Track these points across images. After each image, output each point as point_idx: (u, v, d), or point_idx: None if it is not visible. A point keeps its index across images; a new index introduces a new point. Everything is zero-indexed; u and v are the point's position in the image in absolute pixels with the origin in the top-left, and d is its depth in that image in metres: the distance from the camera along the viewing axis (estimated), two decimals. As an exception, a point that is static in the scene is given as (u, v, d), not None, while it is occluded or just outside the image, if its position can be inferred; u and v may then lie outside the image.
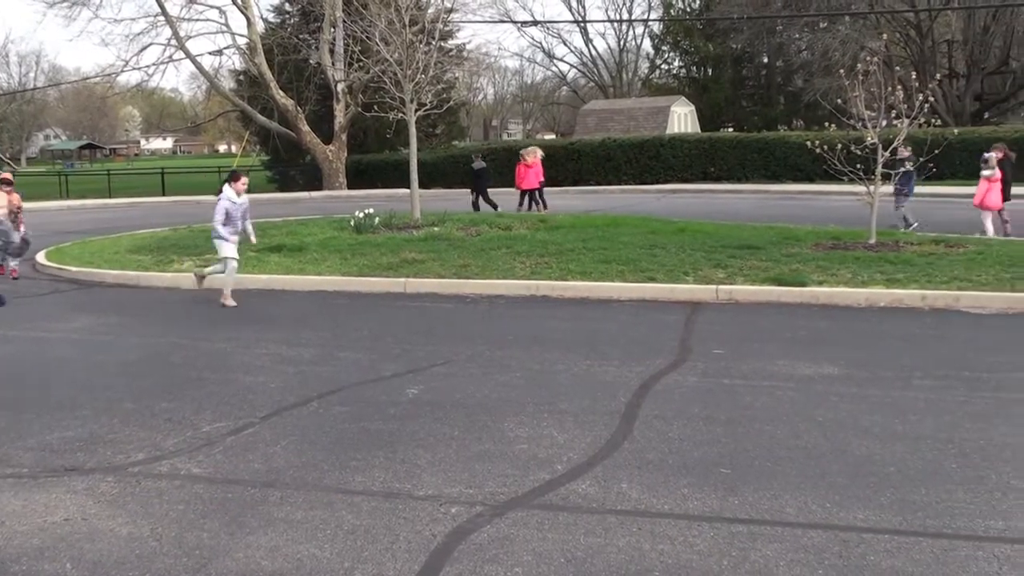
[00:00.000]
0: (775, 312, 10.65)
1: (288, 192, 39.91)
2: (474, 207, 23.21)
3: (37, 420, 6.98)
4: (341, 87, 37.33)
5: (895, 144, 14.57)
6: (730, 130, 55.50)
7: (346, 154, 39.30)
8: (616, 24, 73.56)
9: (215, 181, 43.80)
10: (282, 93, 38.01)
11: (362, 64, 28.05)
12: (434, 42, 19.04)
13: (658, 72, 70.18)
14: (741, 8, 47.45)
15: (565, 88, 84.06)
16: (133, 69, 39.12)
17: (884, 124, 14.64)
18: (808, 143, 17.52)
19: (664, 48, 68.20)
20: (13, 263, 14.50)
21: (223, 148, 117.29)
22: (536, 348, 9.00)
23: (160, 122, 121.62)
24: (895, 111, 14.27)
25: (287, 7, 46.49)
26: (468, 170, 24.60)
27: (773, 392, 7.28)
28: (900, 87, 14.37)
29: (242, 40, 39.37)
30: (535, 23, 67.64)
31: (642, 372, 7.96)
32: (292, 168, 45.08)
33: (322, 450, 6.15)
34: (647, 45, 73.32)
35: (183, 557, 4.65)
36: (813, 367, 8.00)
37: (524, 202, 23.17)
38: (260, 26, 40.47)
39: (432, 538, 4.79)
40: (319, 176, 39.00)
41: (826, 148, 14.70)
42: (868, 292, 11.04)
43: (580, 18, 75.13)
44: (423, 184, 20.64)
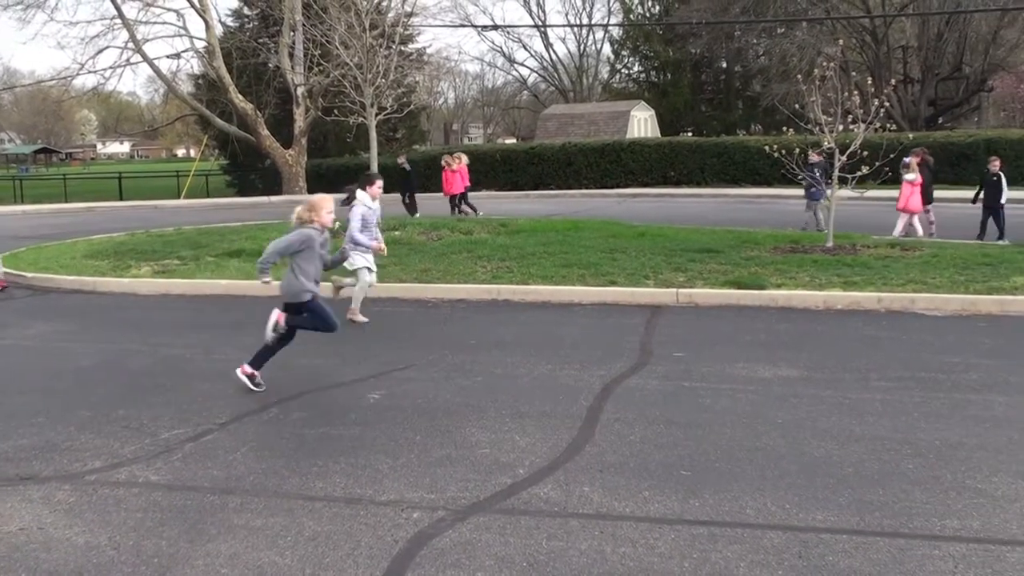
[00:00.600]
0: (735, 315, 10.73)
1: (247, 196, 39.66)
2: (411, 209, 23.47)
3: (-9, 428, 6.88)
4: (301, 91, 37.14)
5: (853, 147, 14.72)
6: (689, 134, 55.90)
7: (306, 158, 39.09)
8: (576, 29, 73.96)
9: (173, 185, 43.60)
10: (241, 97, 37.76)
11: (322, 68, 27.97)
12: (394, 46, 19.06)
13: (618, 77, 70.52)
14: (700, 13, 47.82)
15: (526, 92, 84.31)
16: (89, 72, 38.67)
17: (841, 129, 14.82)
18: (766, 147, 17.70)
19: (624, 53, 68.58)
20: None
21: (181, 152, 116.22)
22: (498, 352, 9.00)
23: (117, 126, 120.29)
24: (852, 116, 14.45)
25: (246, 11, 46.23)
26: (401, 173, 24.71)
27: (733, 394, 7.34)
28: (856, 92, 14.57)
29: (200, 43, 39.10)
30: (495, 27, 67.79)
31: (603, 375, 7.99)
32: (251, 172, 44.82)
33: (282, 456, 6.11)
34: (607, 50, 73.81)
35: (141, 566, 4.60)
36: (772, 369, 8.07)
37: (457, 207, 23.37)
38: (218, 29, 40.24)
39: (394, 544, 4.77)
40: (279, 180, 38.75)
41: (784, 152, 14.87)
42: (826, 295, 11.16)
43: (540, 22, 75.43)
44: (384, 188, 20.51)
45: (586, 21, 73.85)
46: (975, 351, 8.69)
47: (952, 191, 25.54)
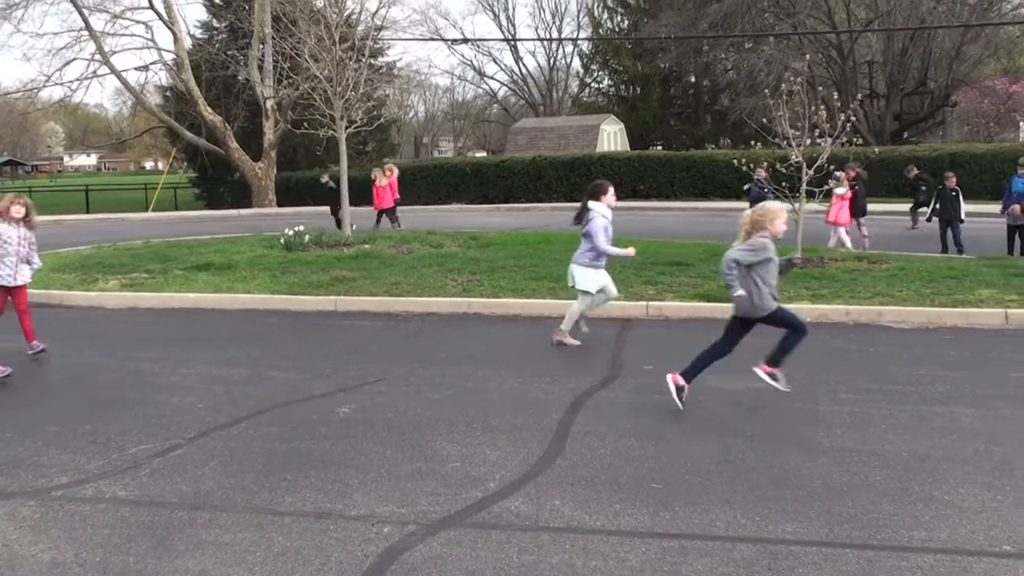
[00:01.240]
0: (704, 328, 10.74)
1: (216, 209, 39.41)
2: (338, 223, 23.53)
3: (-45, 444, 6.78)
4: (270, 104, 37.02)
5: (820, 161, 14.84)
6: (659, 148, 56.15)
7: (275, 171, 38.95)
8: (546, 43, 74.14)
9: (141, 198, 43.26)
10: (210, 110, 37.58)
11: (291, 81, 27.92)
12: (364, 59, 19.00)
13: (588, 91, 70.79)
14: (668, 28, 48.10)
15: (496, 106, 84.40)
16: (56, 84, 38.36)
17: (808, 143, 14.94)
18: (735, 161, 17.81)
19: (593, 67, 68.90)
20: None
21: (149, 165, 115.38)
22: (468, 366, 8.99)
23: (84, 138, 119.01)
24: (819, 130, 14.57)
25: (215, 23, 46.07)
26: (326, 189, 24.88)
27: (703, 407, 7.37)
28: (823, 107, 14.70)
29: (169, 56, 38.87)
30: (465, 41, 67.65)
31: (574, 388, 8.00)
32: (221, 185, 44.57)
33: (251, 471, 6.07)
34: (577, 64, 73.95)
35: (108, 583, 4.55)
36: (742, 382, 8.11)
37: (380, 220, 23.16)
38: (187, 42, 40.05)
39: (364, 558, 4.75)
40: (248, 193, 38.56)
41: (752, 166, 14.97)
42: (794, 308, 11.19)
43: (510, 36, 75.56)
44: (354, 202, 20.50)
45: (556, 35, 74.20)
46: (941, 363, 8.78)
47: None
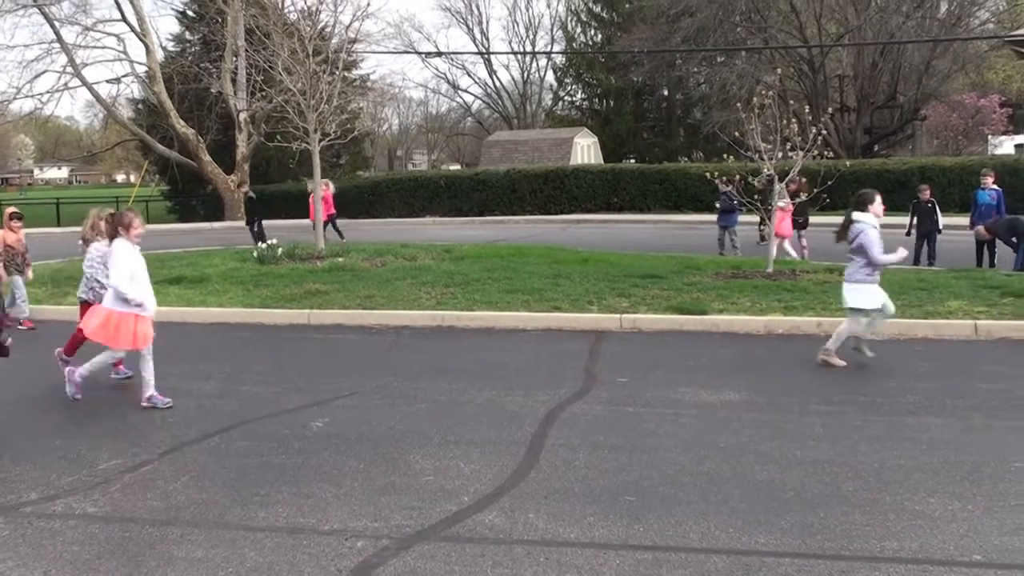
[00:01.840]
0: (678, 340, 10.81)
1: (189, 222, 39.19)
2: (260, 238, 23.62)
3: (-79, 461, 6.70)
4: (243, 116, 36.89)
5: (792, 174, 14.96)
6: (632, 161, 56.42)
7: (248, 184, 38.78)
8: (519, 56, 74.38)
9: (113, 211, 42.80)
10: (182, 122, 37.41)
11: (265, 94, 27.85)
12: (338, 72, 18.99)
13: (561, 104, 71.03)
14: (641, 42, 48.34)
15: (470, 119, 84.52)
16: (26, 96, 38.06)
17: (780, 156, 15.06)
18: (707, 174, 17.93)
19: (567, 80, 69.14)
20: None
21: (121, 178, 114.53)
22: (442, 379, 8.97)
23: (55, 151, 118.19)
24: (790, 143, 14.68)
25: (188, 36, 45.90)
26: (247, 202, 25.17)
27: (676, 419, 7.39)
28: (795, 120, 14.81)
29: (141, 68, 38.65)
30: (439, 54, 67.67)
31: (548, 401, 8.00)
32: (193, 198, 44.34)
33: (224, 486, 6.02)
34: (550, 77, 74.20)
35: (78, 600, 4.50)
36: (715, 394, 8.15)
37: (336, 229, 23.65)
38: (160, 54, 39.86)
39: (337, 573, 4.73)
40: (221, 206, 38.38)
41: (724, 179, 15.06)
42: (767, 320, 11.30)
43: (484, 50, 75.71)
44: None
45: (529, 49, 74.42)
46: (912, 375, 8.85)
47: (887, 217, 26.02)
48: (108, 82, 49.86)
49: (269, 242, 17.63)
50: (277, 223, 34.13)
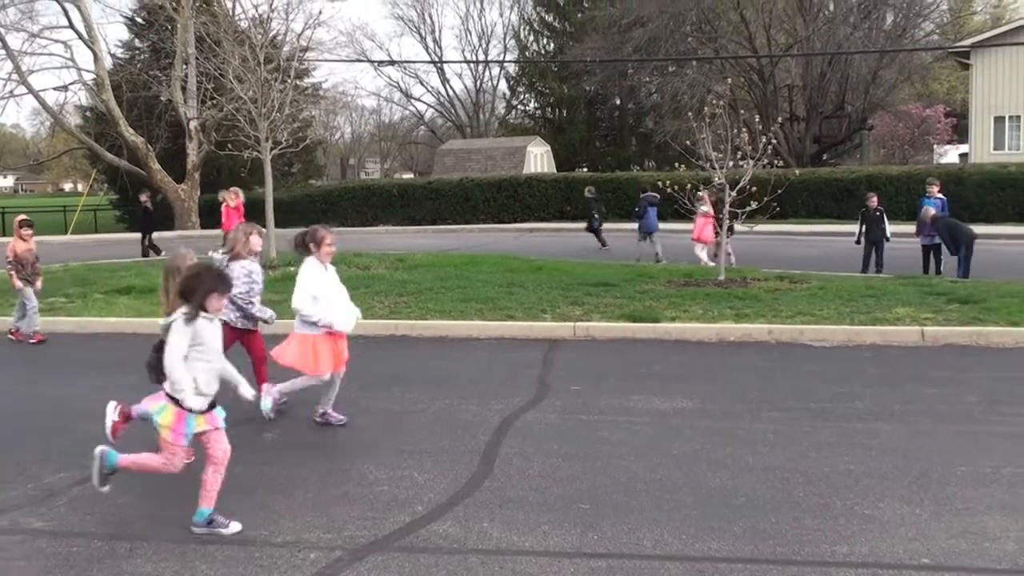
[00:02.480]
0: (630, 348, 10.87)
1: (138, 232, 38.64)
2: (153, 250, 23.60)
3: None
4: (194, 125, 36.53)
5: (742, 183, 15.11)
6: (585, 170, 56.56)
7: (199, 193, 38.41)
8: (472, 65, 74.48)
9: (60, 221, 42.29)
10: (131, 130, 36.95)
11: (215, 102, 27.53)
12: (289, 80, 18.88)
13: (514, 113, 71.05)
14: (593, 51, 48.61)
15: (423, 127, 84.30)
16: (-31, 104, 37.37)
17: (731, 165, 15.21)
18: (659, 183, 18.04)
19: (520, 89, 69.18)
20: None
21: (69, 187, 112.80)
22: (396, 388, 8.94)
23: (0, 160, 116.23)
24: (741, 152, 14.84)
25: (137, 43, 45.30)
26: (143, 212, 25.42)
27: (629, 427, 7.42)
28: (745, 129, 14.98)
29: (89, 76, 38.13)
30: (392, 63, 67.78)
31: (502, 410, 8.00)
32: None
33: (174, 498, 5.94)
34: (503, 86, 74.31)
35: (23, 617, 4.42)
36: (668, 402, 8.20)
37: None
38: (108, 62, 39.34)
39: (290, 586, 4.68)
40: (171, 215, 37.94)
41: (676, 188, 15.18)
42: (718, 327, 11.39)
43: (436, 58, 75.77)
44: (279, 223, 20.29)
45: (482, 57, 74.57)
46: (861, 381, 8.96)
47: (836, 225, 26.45)
48: (55, 89, 49.08)
49: (221, 251, 17.42)
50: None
